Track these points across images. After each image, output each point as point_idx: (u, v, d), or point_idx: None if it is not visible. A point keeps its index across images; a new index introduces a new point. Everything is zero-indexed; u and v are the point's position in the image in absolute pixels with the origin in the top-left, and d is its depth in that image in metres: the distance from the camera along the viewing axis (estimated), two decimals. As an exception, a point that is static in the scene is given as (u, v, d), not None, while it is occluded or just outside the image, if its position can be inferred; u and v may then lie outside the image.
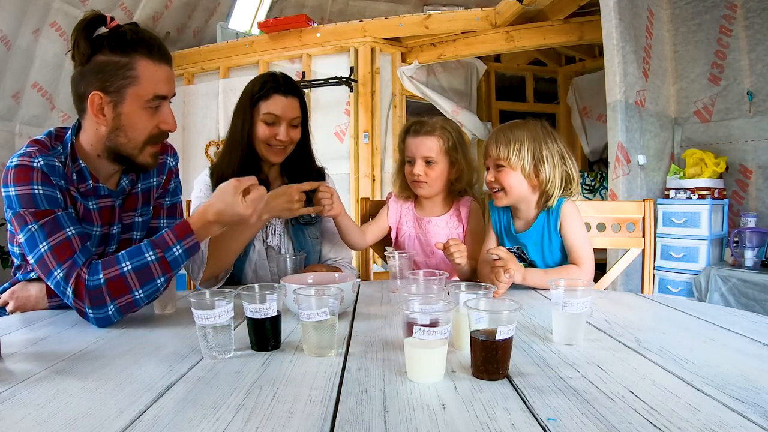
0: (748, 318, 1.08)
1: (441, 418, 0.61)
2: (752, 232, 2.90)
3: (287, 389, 0.70)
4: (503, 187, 1.41)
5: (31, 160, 1.06)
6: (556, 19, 3.88)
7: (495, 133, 1.45)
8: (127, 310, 1.04)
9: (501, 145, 1.40)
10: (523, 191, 1.41)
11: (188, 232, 1.07)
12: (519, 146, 1.38)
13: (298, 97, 1.54)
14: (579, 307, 0.89)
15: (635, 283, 2.96)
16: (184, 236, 1.07)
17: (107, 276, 1.00)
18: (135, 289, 1.02)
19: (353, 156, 4.28)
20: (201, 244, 1.40)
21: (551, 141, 1.41)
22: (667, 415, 0.61)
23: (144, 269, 1.02)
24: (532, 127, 1.42)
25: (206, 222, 1.09)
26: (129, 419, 0.61)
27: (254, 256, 1.55)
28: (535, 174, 1.39)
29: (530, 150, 1.38)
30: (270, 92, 1.50)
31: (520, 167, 1.39)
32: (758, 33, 3.05)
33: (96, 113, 1.09)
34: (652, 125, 3.22)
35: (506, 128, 1.44)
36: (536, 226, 1.44)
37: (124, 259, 1.03)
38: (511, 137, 1.40)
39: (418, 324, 0.72)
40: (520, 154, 1.38)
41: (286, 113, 1.50)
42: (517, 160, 1.38)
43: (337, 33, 4.32)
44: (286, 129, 1.51)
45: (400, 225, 1.70)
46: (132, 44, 1.07)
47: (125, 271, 1.01)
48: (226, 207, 1.09)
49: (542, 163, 1.38)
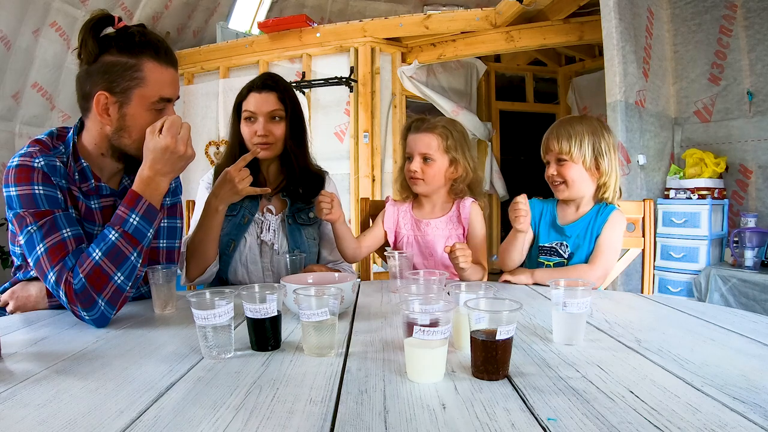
0: (748, 318, 1.08)
1: (441, 418, 0.61)
2: (752, 232, 2.90)
3: (287, 389, 0.70)
4: (565, 179, 1.49)
5: (32, 161, 1.06)
6: (556, 19, 3.88)
7: (555, 128, 1.53)
8: (116, 300, 1.03)
9: (563, 139, 1.48)
10: (584, 183, 1.49)
11: (136, 197, 1.06)
12: (580, 140, 1.47)
13: (275, 91, 1.56)
14: (579, 307, 0.89)
15: (635, 283, 2.96)
16: (134, 203, 1.06)
17: (84, 272, 1.00)
18: (113, 273, 1.02)
19: (353, 156, 4.28)
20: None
21: (608, 134, 1.49)
22: (667, 415, 0.61)
23: (112, 249, 1.02)
24: (589, 121, 1.51)
25: (145, 178, 1.07)
26: (129, 419, 0.61)
27: (245, 250, 1.56)
28: (595, 166, 1.48)
29: (590, 143, 1.47)
30: (247, 92, 1.57)
31: (581, 160, 1.47)
32: (758, 33, 3.05)
33: (101, 113, 1.09)
34: (652, 125, 3.22)
35: (566, 123, 1.52)
36: (584, 219, 1.51)
37: (93, 249, 1.03)
38: (572, 132, 1.48)
39: (418, 324, 0.72)
40: (581, 148, 1.46)
41: (261, 108, 1.54)
42: (579, 154, 1.46)
43: (337, 33, 4.32)
44: (263, 123, 1.54)
45: (398, 228, 1.69)
46: (140, 46, 1.08)
47: (97, 259, 1.01)
48: (152, 152, 1.06)
49: (602, 155, 1.47)
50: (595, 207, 1.52)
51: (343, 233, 1.56)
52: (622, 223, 1.50)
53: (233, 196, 1.42)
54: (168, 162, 1.07)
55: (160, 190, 1.09)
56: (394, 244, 1.70)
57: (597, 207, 1.51)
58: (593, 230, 1.49)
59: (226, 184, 1.40)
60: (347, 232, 1.58)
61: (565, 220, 1.55)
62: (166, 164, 1.07)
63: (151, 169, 1.06)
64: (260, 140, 1.54)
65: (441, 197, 1.66)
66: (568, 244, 1.52)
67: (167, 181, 1.10)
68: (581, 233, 1.50)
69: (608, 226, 1.47)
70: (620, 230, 1.49)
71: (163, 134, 1.06)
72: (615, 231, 1.47)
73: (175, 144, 1.06)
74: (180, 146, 1.07)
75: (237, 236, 1.54)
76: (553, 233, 1.55)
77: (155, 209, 1.08)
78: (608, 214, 1.48)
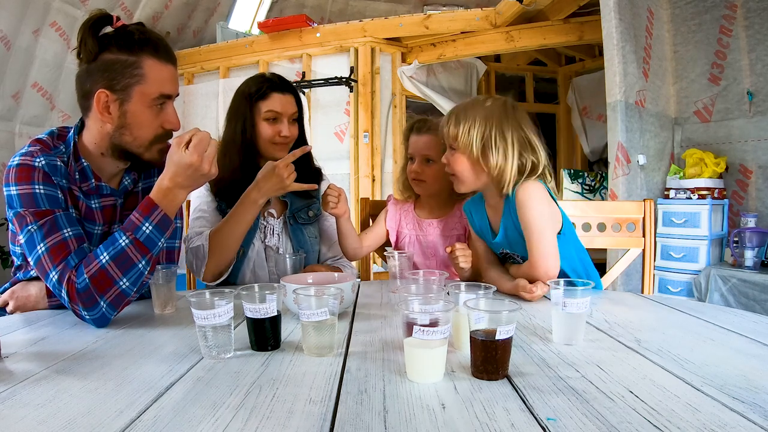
0: (748, 318, 1.08)
1: (441, 418, 0.61)
2: (752, 232, 2.90)
3: (287, 389, 0.70)
4: (454, 172, 1.28)
5: (33, 160, 1.07)
6: (556, 19, 3.88)
7: (452, 109, 1.31)
8: (119, 303, 1.03)
9: (451, 123, 1.25)
10: (470, 177, 1.27)
11: (152, 206, 1.05)
12: (469, 127, 1.23)
13: (293, 93, 1.59)
14: (579, 307, 0.89)
15: (635, 283, 2.96)
16: (149, 212, 1.05)
17: (89, 273, 1.00)
18: (118, 278, 1.01)
19: (353, 156, 4.28)
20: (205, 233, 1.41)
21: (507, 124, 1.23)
22: (667, 415, 0.61)
23: (121, 255, 1.01)
24: (491, 106, 1.25)
25: (164, 189, 1.06)
26: (129, 419, 0.61)
27: (253, 256, 1.55)
28: (483, 159, 1.24)
29: (479, 132, 1.22)
30: (268, 91, 1.53)
31: (468, 151, 1.24)
32: (758, 33, 3.05)
33: (102, 111, 1.09)
34: (652, 125, 3.22)
35: (463, 105, 1.28)
36: (504, 218, 1.29)
37: (101, 251, 1.02)
38: (462, 116, 1.24)
39: (418, 324, 0.72)
40: (469, 135, 1.22)
41: (287, 109, 1.54)
42: (465, 142, 1.23)
43: (337, 33, 4.32)
44: (288, 125, 1.55)
45: (401, 228, 1.69)
46: (139, 43, 1.08)
47: (104, 262, 1.01)
48: (175, 166, 1.05)
49: (491, 148, 1.22)
50: (505, 201, 1.28)
51: (347, 230, 1.57)
52: (532, 192, 1.22)
53: (278, 191, 1.41)
54: (190, 177, 1.07)
55: (177, 202, 1.09)
56: (395, 244, 1.71)
57: (506, 200, 1.28)
58: (516, 225, 1.26)
59: (272, 179, 1.38)
60: (351, 230, 1.59)
61: (493, 226, 1.36)
62: (188, 179, 1.07)
63: (171, 180, 1.06)
64: (283, 141, 1.54)
65: (443, 198, 1.66)
66: (513, 252, 1.33)
67: (185, 194, 1.10)
68: (510, 235, 1.31)
69: (520, 210, 1.22)
70: (534, 202, 1.21)
71: (190, 150, 1.05)
72: (529, 209, 1.22)
73: (200, 162, 1.05)
74: (205, 165, 1.06)
75: (246, 242, 1.53)
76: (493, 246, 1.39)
77: (169, 220, 1.07)
78: (513, 197, 1.23)
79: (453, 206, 1.65)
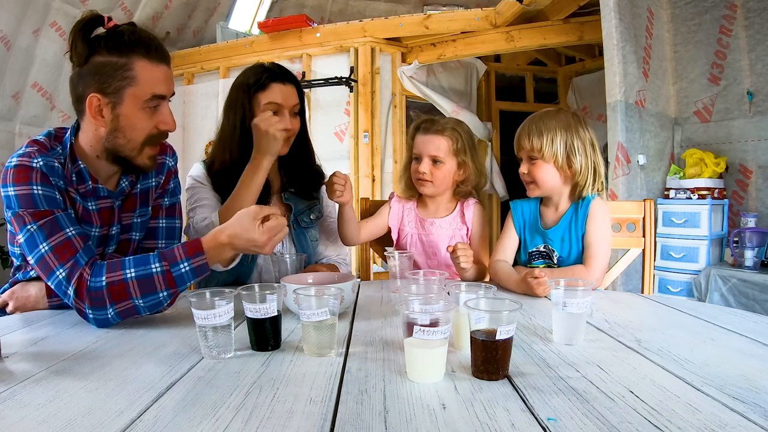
0: (748, 318, 1.08)
1: (441, 418, 0.61)
2: (752, 232, 2.90)
3: (287, 389, 0.70)
4: (535, 179, 1.42)
5: (31, 161, 1.06)
6: (556, 19, 3.88)
7: (527, 123, 1.44)
8: (128, 315, 1.03)
9: (534, 136, 1.39)
10: (555, 183, 1.42)
11: (198, 250, 1.04)
12: (552, 138, 1.37)
13: (294, 84, 1.52)
14: (579, 307, 0.89)
15: (635, 283, 2.95)
16: (194, 254, 1.04)
17: (109, 279, 1.00)
18: (136, 297, 1.01)
19: (353, 156, 4.28)
20: (212, 216, 1.40)
21: (583, 129, 1.40)
22: (667, 415, 0.61)
23: (147, 279, 1.01)
24: (563, 116, 1.41)
25: (219, 243, 1.06)
26: (129, 419, 0.61)
27: (261, 261, 1.55)
28: (567, 165, 1.39)
29: (563, 141, 1.37)
30: (268, 82, 1.46)
31: (553, 159, 1.38)
32: (758, 33, 3.05)
33: (94, 115, 1.09)
34: (652, 125, 3.22)
35: (537, 118, 1.43)
36: (564, 220, 1.43)
37: (129, 265, 1.01)
38: (543, 128, 1.39)
39: (418, 324, 0.72)
40: (553, 146, 1.37)
41: (288, 101, 1.48)
42: (550, 153, 1.37)
43: (337, 33, 4.32)
44: (289, 117, 1.49)
45: (402, 226, 1.69)
46: (129, 45, 1.07)
47: (128, 277, 1.00)
48: (242, 231, 1.05)
49: (574, 153, 1.37)
50: (573, 205, 1.44)
51: (349, 217, 1.58)
52: (605, 211, 1.41)
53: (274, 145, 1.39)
54: (247, 248, 1.09)
55: (222, 258, 1.10)
56: (397, 242, 1.71)
57: (574, 205, 1.43)
58: (576, 229, 1.41)
59: (262, 137, 1.37)
60: (353, 217, 1.60)
61: (546, 221, 1.48)
62: (244, 248, 1.09)
63: (229, 239, 1.06)
64: (287, 133, 1.47)
65: (446, 198, 1.66)
66: (555, 249, 1.45)
67: (233, 254, 1.13)
68: (565, 235, 1.43)
69: (591, 221, 1.38)
70: (605, 219, 1.40)
71: (264, 230, 1.06)
72: (600, 223, 1.39)
73: (265, 243, 1.07)
74: (267, 247, 1.08)
75: None
76: (537, 237, 1.48)
77: (208, 268, 1.07)
78: (587, 207, 1.40)
79: (454, 206, 1.65)
